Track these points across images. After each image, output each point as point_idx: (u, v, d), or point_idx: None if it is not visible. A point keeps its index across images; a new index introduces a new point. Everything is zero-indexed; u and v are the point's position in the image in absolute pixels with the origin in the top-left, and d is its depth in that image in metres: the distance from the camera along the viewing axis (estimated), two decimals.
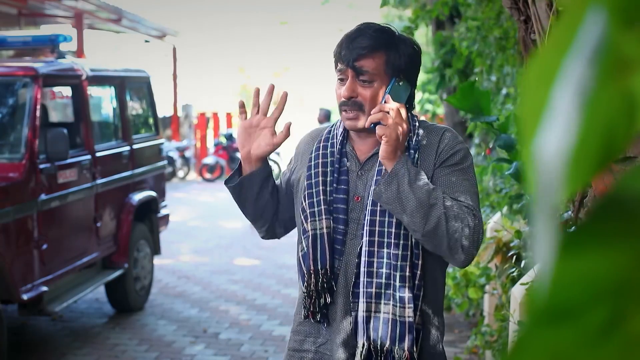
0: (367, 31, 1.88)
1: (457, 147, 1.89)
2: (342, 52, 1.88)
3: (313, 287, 1.91)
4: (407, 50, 1.90)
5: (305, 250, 1.93)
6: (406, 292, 1.83)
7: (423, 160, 1.88)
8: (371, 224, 1.86)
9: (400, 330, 1.84)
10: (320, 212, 1.91)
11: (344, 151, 1.97)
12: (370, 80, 1.87)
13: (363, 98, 1.87)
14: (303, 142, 2.13)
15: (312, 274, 1.91)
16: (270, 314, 6.03)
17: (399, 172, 1.79)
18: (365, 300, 1.85)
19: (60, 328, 5.65)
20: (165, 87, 16.55)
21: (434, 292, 1.92)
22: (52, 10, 11.76)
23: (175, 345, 5.26)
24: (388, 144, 1.79)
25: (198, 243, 9.15)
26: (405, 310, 1.83)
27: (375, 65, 1.86)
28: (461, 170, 1.87)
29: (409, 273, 1.84)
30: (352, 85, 1.87)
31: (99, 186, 5.50)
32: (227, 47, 30.02)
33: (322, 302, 1.91)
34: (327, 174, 1.94)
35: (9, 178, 4.56)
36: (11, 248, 4.46)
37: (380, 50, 1.87)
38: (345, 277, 1.90)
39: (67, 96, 5.61)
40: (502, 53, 5.03)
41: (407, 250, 1.84)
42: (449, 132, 1.92)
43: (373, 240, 1.85)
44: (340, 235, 1.91)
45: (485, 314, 4.60)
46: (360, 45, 1.86)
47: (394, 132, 1.79)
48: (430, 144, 1.89)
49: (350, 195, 1.93)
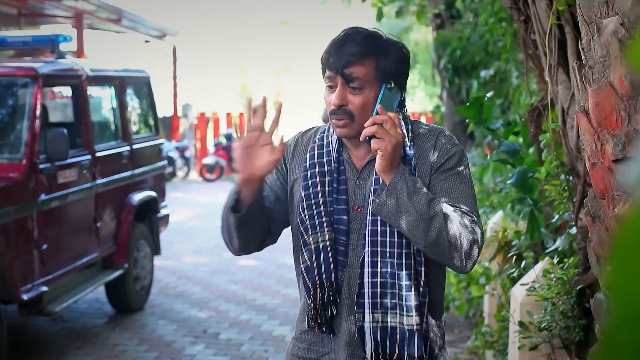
0: (356, 37, 1.84)
1: (452, 150, 1.86)
2: (330, 59, 1.84)
3: (320, 300, 1.88)
4: (396, 54, 1.86)
5: (309, 263, 1.89)
6: (412, 300, 1.82)
7: (419, 166, 1.85)
8: (372, 234, 1.84)
9: (408, 338, 1.83)
10: (322, 224, 1.88)
11: (340, 159, 1.93)
12: (361, 87, 1.83)
13: (353, 106, 1.83)
14: (296, 143, 2.04)
15: (317, 287, 1.89)
16: (270, 314, 6.03)
17: (397, 185, 1.76)
18: (371, 311, 1.83)
19: (60, 328, 5.65)
20: (165, 87, 16.56)
21: (437, 297, 1.91)
22: (52, 10, 11.76)
23: (175, 345, 5.26)
24: (384, 158, 1.76)
25: (198, 243, 9.15)
26: (412, 319, 1.82)
27: (366, 71, 1.82)
28: (457, 173, 1.85)
29: (413, 281, 1.82)
30: (342, 92, 1.83)
31: (99, 186, 5.50)
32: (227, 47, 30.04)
33: (329, 314, 1.89)
34: (325, 183, 1.90)
35: (9, 178, 4.56)
36: (11, 248, 4.46)
37: (370, 56, 1.83)
38: (349, 288, 1.88)
39: (67, 96, 5.61)
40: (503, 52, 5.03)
41: (410, 259, 1.83)
42: (443, 134, 1.89)
43: (375, 251, 1.83)
44: (342, 247, 1.89)
45: (485, 314, 4.60)
46: (350, 52, 1.81)
47: (389, 144, 1.75)
48: (425, 149, 1.86)
49: (350, 205, 1.89)
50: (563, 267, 2.84)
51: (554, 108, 2.96)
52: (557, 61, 2.82)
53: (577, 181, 2.86)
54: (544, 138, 3.12)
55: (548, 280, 2.86)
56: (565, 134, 2.86)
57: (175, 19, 24.34)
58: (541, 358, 3.00)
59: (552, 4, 2.77)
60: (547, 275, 2.89)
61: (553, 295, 2.80)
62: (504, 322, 3.59)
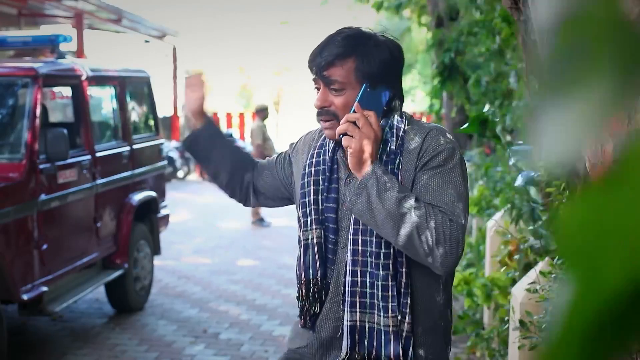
0: (336, 38, 1.85)
1: (439, 147, 1.82)
2: (311, 62, 1.87)
3: (304, 296, 1.92)
4: (380, 55, 1.84)
5: (300, 259, 1.94)
6: (389, 301, 1.80)
7: (405, 164, 1.84)
8: (355, 232, 1.85)
9: (385, 339, 1.82)
10: (312, 222, 1.91)
11: (335, 158, 1.95)
12: (341, 88, 1.84)
13: (336, 107, 1.85)
14: (305, 140, 2.12)
15: (303, 283, 1.92)
16: (270, 314, 6.03)
17: (367, 184, 1.76)
18: (350, 310, 1.84)
19: (60, 328, 5.65)
20: (165, 87, 16.56)
21: (428, 300, 1.87)
22: (52, 10, 11.77)
23: (175, 345, 5.26)
24: (352, 155, 1.78)
25: (198, 243, 9.15)
26: (389, 320, 1.81)
27: (344, 73, 1.83)
28: (443, 172, 1.81)
29: (391, 282, 1.81)
30: (323, 95, 1.86)
31: (99, 186, 5.50)
32: (227, 47, 30.00)
33: (312, 311, 1.92)
34: (318, 182, 1.93)
35: (9, 178, 4.56)
36: (11, 248, 4.46)
37: (349, 58, 1.83)
38: (336, 286, 1.90)
39: (67, 96, 5.61)
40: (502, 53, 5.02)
41: (388, 259, 1.81)
42: (434, 131, 1.86)
43: (357, 249, 1.84)
44: (331, 245, 1.91)
45: (485, 314, 4.60)
46: (327, 54, 1.83)
47: (358, 143, 1.76)
48: (413, 146, 1.85)
49: (340, 203, 1.91)
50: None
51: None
52: None
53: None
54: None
55: (548, 281, 2.86)
56: None
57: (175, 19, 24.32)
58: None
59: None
60: (547, 275, 2.89)
61: (553, 296, 2.80)
62: (504, 323, 3.59)
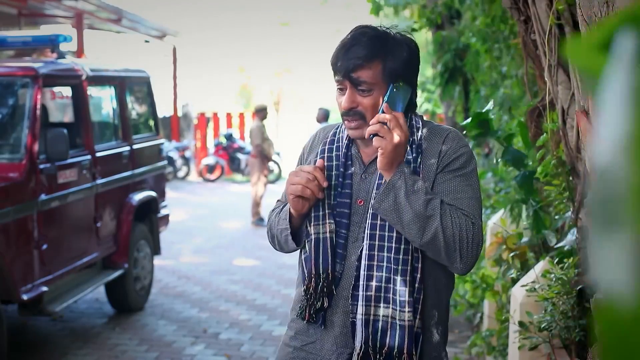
0: (362, 39, 1.86)
1: (460, 150, 1.87)
2: (338, 63, 1.87)
3: (312, 290, 1.92)
4: (403, 53, 1.87)
5: (308, 253, 1.93)
6: (406, 296, 1.83)
7: (425, 165, 1.87)
8: (372, 227, 1.86)
9: (399, 334, 1.84)
10: (325, 216, 1.92)
11: (349, 154, 1.97)
12: (369, 89, 1.85)
13: (363, 107, 1.87)
14: (314, 139, 2.13)
15: (313, 277, 1.92)
16: (270, 314, 6.03)
17: (396, 184, 1.79)
18: (364, 304, 1.85)
19: (60, 328, 5.65)
20: (165, 87, 16.54)
21: (436, 296, 1.91)
22: (52, 10, 11.76)
23: (176, 345, 5.26)
24: (384, 156, 1.80)
25: (198, 243, 9.15)
26: (405, 314, 1.83)
27: (373, 74, 1.85)
28: (463, 175, 1.86)
29: (409, 277, 1.84)
30: (351, 96, 1.87)
31: (99, 186, 5.50)
32: (227, 47, 29.98)
33: (319, 305, 1.92)
34: (332, 177, 1.94)
35: (9, 178, 4.56)
36: (11, 248, 4.46)
37: (377, 59, 1.85)
38: (346, 280, 1.90)
39: (67, 96, 5.61)
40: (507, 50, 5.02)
41: (407, 255, 1.84)
42: (453, 134, 1.91)
43: (374, 244, 1.86)
44: (342, 239, 1.92)
45: (485, 314, 4.59)
46: (356, 56, 1.84)
47: (390, 144, 1.78)
48: (433, 147, 1.88)
49: (354, 199, 1.93)
50: (563, 267, 2.84)
51: (554, 108, 2.96)
52: (557, 61, 2.82)
53: (577, 181, 2.86)
54: (544, 139, 3.12)
55: (548, 281, 2.86)
56: (565, 134, 2.86)
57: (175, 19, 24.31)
58: (541, 358, 3.00)
59: (552, 4, 2.76)
60: (547, 275, 2.89)
61: (553, 296, 2.80)
62: (504, 323, 3.59)
